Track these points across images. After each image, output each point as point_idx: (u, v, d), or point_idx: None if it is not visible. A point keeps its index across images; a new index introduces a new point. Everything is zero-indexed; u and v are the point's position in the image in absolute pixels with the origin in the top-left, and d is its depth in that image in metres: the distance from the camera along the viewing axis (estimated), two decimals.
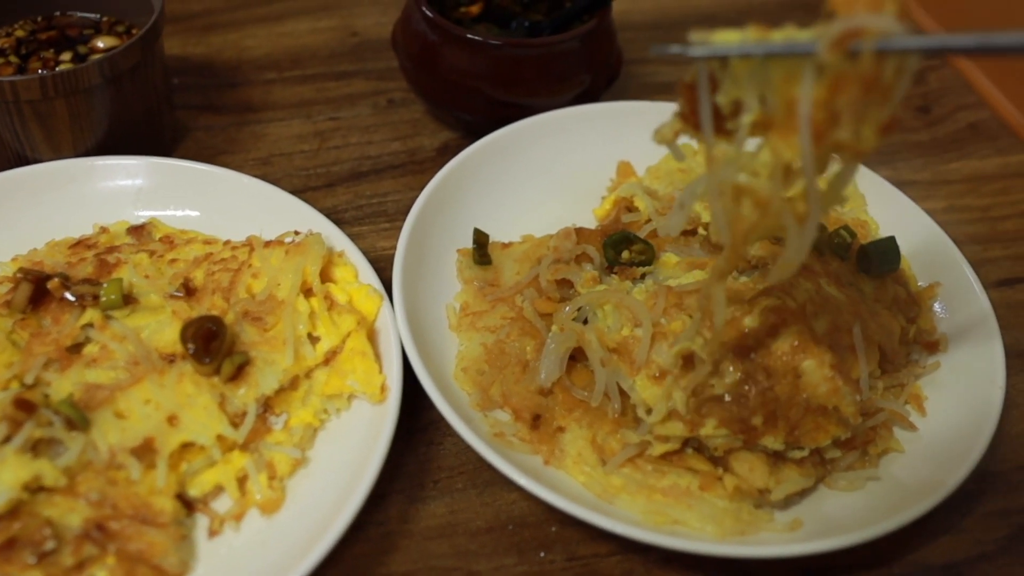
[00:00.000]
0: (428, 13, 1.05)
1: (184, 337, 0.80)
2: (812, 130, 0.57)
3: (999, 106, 1.24)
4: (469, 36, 1.04)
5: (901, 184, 1.11)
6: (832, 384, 0.81)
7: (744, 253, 0.65)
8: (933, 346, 0.93)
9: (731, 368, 0.81)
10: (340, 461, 0.80)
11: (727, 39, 0.59)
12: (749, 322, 0.83)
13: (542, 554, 0.80)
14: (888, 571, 0.81)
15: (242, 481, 0.78)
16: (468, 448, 0.81)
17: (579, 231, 0.97)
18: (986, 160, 1.20)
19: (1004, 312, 1.01)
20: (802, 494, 0.82)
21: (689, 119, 0.64)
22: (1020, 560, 0.83)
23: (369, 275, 0.89)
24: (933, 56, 0.52)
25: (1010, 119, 1.23)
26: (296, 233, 0.92)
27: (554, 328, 0.87)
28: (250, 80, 1.20)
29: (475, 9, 1.16)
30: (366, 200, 1.06)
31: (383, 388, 0.82)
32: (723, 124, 0.62)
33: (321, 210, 0.99)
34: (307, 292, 0.87)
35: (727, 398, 0.80)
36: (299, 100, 1.18)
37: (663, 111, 0.58)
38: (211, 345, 0.80)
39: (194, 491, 0.77)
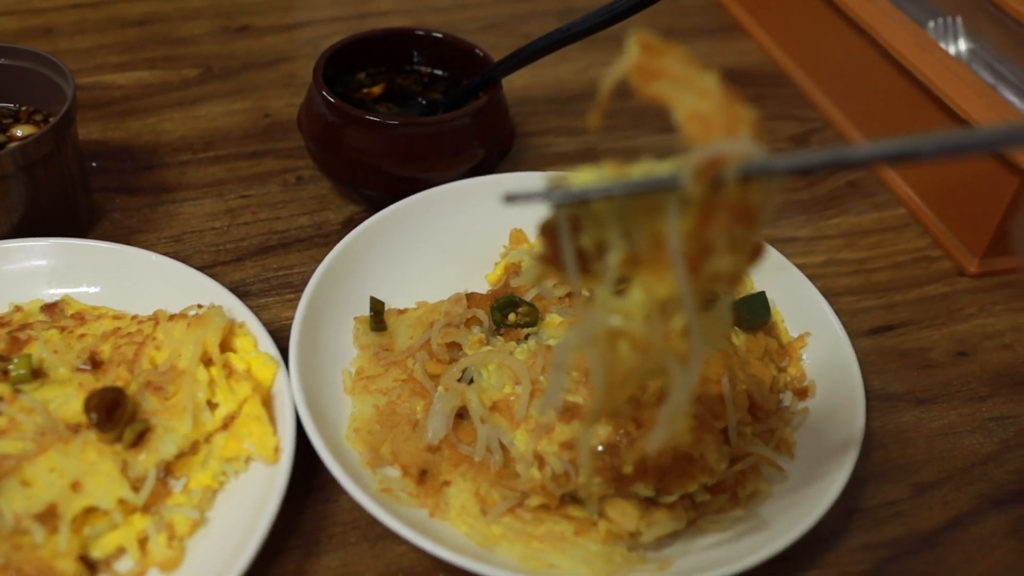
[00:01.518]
0: (328, 96, 1.12)
1: (88, 407, 0.85)
2: (686, 263, 0.55)
3: (877, 164, 1.32)
4: (367, 117, 1.11)
5: (783, 240, 1.19)
6: (696, 434, 0.87)
7: (619, 397, 0.63)
8: (802, 393, 1.00)
9: (604, 422, 0.87)
10: (237, 520, 0.84)
11: (585, 179, 0.57)
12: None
13: None
14: None
15: (143, 542, 0.83)
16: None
17: (470, 296, 1.03)
18: (863, 215, 1.27)
19: (876, 358, 1.08)
20: (674, 536, 0.87)
21: (551, 262, 0.61)
22: None
23: (268, 344, 0.94)
24: (797, 174, 0.53)
25: (885, 176, 1.31)
26: (199, 306, 0.97)
27: (439, 388, 0.92)
28: (165, 162, 1.26)
29: (377, 90, 1.24)
30: (273, 273, 1.12)
31: (276, 449, 0.87)
32: (588, 265, 0.60)
33: (229, 283, 1.05)
34: (207, 362, 0.92)
35: (600, 449, 0.86)
36: (212, 180, 1.24)
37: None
38: (113, 414, 0.85)
39: (97, 553, 0.82)
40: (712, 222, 0.53)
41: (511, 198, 0.58)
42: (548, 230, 0.60)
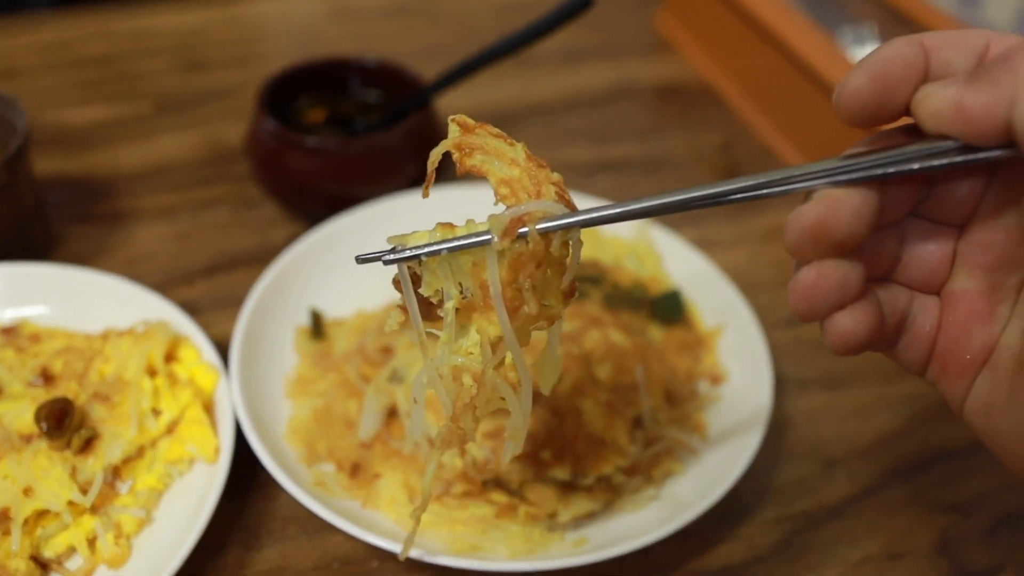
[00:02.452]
0: (268, 123, 1.19)
1: (38, 417, 0.91)
2: (507, 307, 0.62)
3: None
4: (305, 141, 1.18)
5: (707, 242, 1.25)
6: (607, 419, 0.94)
7: (468, 425, 0.69)
8: (717, 379, 1.06)
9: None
10: (181, 517, 0.90)
11: (418, 239, 0.65)
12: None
13: None
14: None
15: (92, 541, 0.89)
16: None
17: (403, 305, 1.09)
18: (782, 216, 1.33)
19: (792, 347, 1.14)
20: (591, 517, 0.94)
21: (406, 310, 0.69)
22: (788, 560, 0.94)
23: (210, 354, 1.01)
24: (589, 227, 0.61)
25: None
26: (146, 323, 1.03)
27: (370, 389, 0.99)
28: (121, 191, 1.32)
29: (319, 116, 1.30)
30: (221, 291, 1.18)
31: (216, 450, 0.93)
32: (434, 311, 0.67)
33: (179, 301, 1.11)
34: (152, 372, 0.99)
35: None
36: (164, 206, 1.30)
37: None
38: (62, 423, 0.91)
39: (48, 553, 0.88)
40: (522, 272, 0.61)
41: (360, 260, 0.67)
42: (397, 283, 0.68)
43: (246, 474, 0.96)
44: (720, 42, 1.58)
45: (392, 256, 0.65)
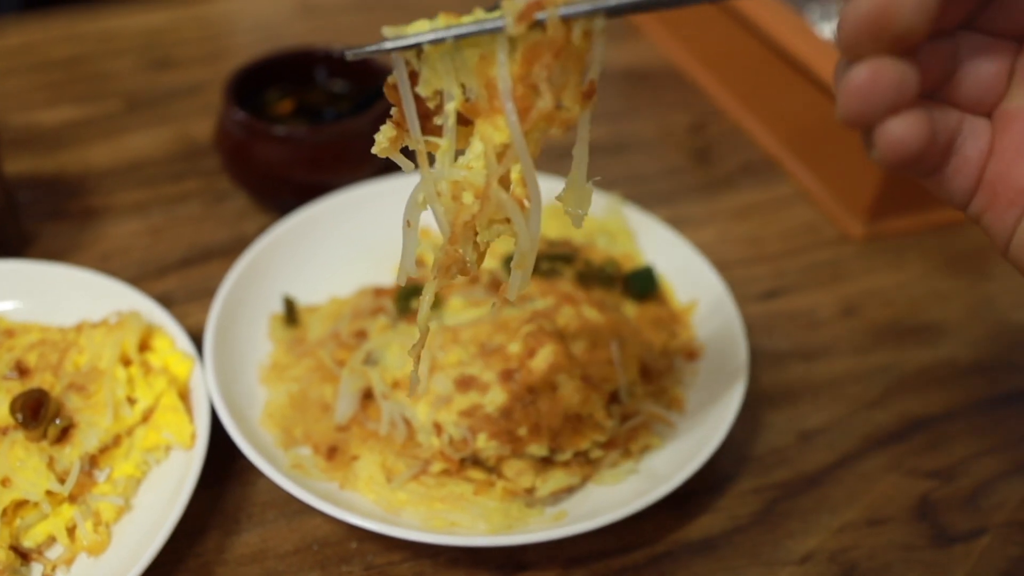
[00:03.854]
0: (236, 114, 1.18)
1: (13, 409, 0.91)
2: (516, 105, 0.56)
3: (768, 146, 1.40)
4: (272, 130, 1.18)
5: (680, 219, 1.26)
6: (583, 394, 0.94)
7: (466, 250, 0.62)
8: (692, 354, 1.06)
9: (499, 389, 0.93)
10: (159, 504, 0.90)
11: (419, 28, 0.58)
12: (514, 348, 0.95)
13: (343, 567, 0.90)
14: (651, 550, 0.93)
15: (71, 530, 0.88)
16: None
17: (377, 290, 1.10)
18: (755, 194, 1.35)
19: (765, 320, 1.15)
20: (570, 492, 0.94)
21: (402, 122, 0.62)
22: (769, 528, 0.95)
23: (184, 343, 1.00)
24: (615, 16, 0.55)
25: (776, 157, 1.38)
26: (119, 313, 1.03)
27: (345, 371, 0.98)
28: (93, 189, 1.32)
29: (287, 107, 1.30)
30: (195, 283, 1.18)
31: (193, 436, 0.93)
32: (430, 122, 0.61)
33: (153, 295, 1.11)
34: (126, 362, 0.98)
35: (496, 415, 0.92)
36: (137, 202, 1.30)
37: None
38: (37, 414, 0.91)
39: (28, 542, 0.87)
40: (538, 64, 0.55)
41: (351, 55, 0.61)
42: (392, 87, 0.61)
43: (224, 460, 0.96)
44: (688, 24, 1.58)
45: (392, 44, 0.58)
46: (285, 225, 1.14)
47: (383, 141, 0.63)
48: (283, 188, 1.21)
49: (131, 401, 0.96)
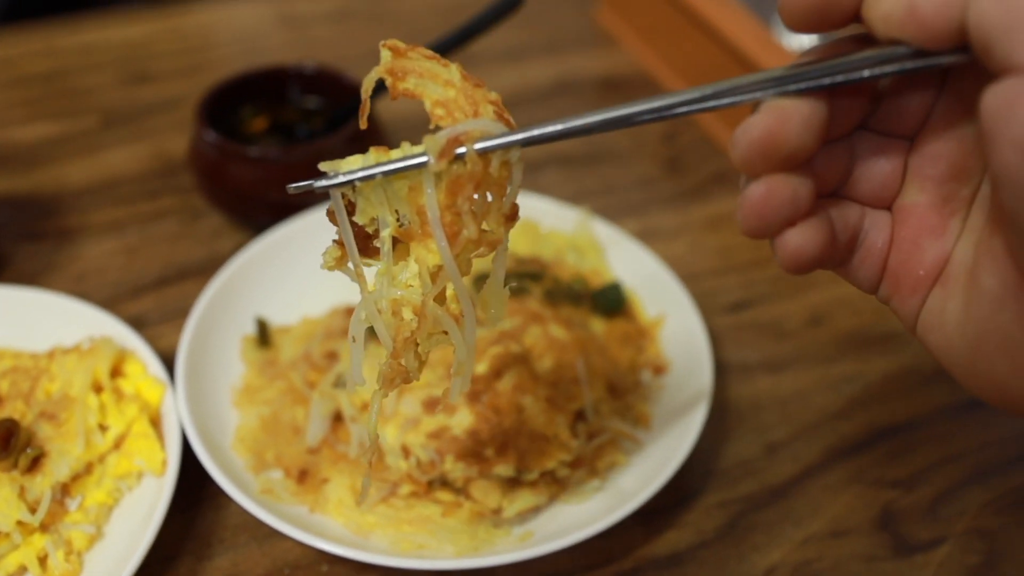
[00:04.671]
0: (208, 134, 1.19)
1: None
2: (445, 232, 0.60)
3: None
4: (245, 151, 1.19)
5: (650, 231, 1.27)
6: (548, 415, 0.95)
7: (408, 361, 0.65)
8: (659, 369, 1.08)
9: (466, 411, 0.95)
10: (131, 531, 0.91)
11: (351, 165, 0.62)
12: (480, 369, 0.97)
13: None
14: (619, 567, 0.94)
15: (43, 559, 0.90)
16: None
17: (349, 309, 1.11)
18: (726, 204, 1.36)
19: (735, 332, 1.16)
20: (537, 511, 0.95)
21: (341, 243, 0.66)
22: (734, 542, 0.96)
23: (156, 368, 1.02)
24: (530, 146, 0.59)
25: None
26: (91, 339, 1.04)
27: (315, 394, 1.00)
28: (68, 208, 1.33)
29: (262, 124, 1.31)
30: (170, 303, 1.19)
31: (164, 463, 0.94)
32: (371, 245, 0.64)
33: (128, 316, 1.12)
34: (98, 388, 1.00)
35: (463, 436, 0.94)
36: (112, 221, 1.31)
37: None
38: (7, 444, 0.92)
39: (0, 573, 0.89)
40: (461, 195, 0.59)
41: (292, 189, 0.64)
42: (332, 214, 0.64)
43: (196, 485, 0.97)
44: (660, 34, 1.59)
45: (324, 182, 0.62)
46: (258, 245, 1.15)
47: (329, 260, 0.67)
48: (258, 207, 1.23)
49: (103, 428, 0.97)
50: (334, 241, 0.66)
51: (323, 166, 0.63)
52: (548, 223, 1.21)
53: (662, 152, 1.46)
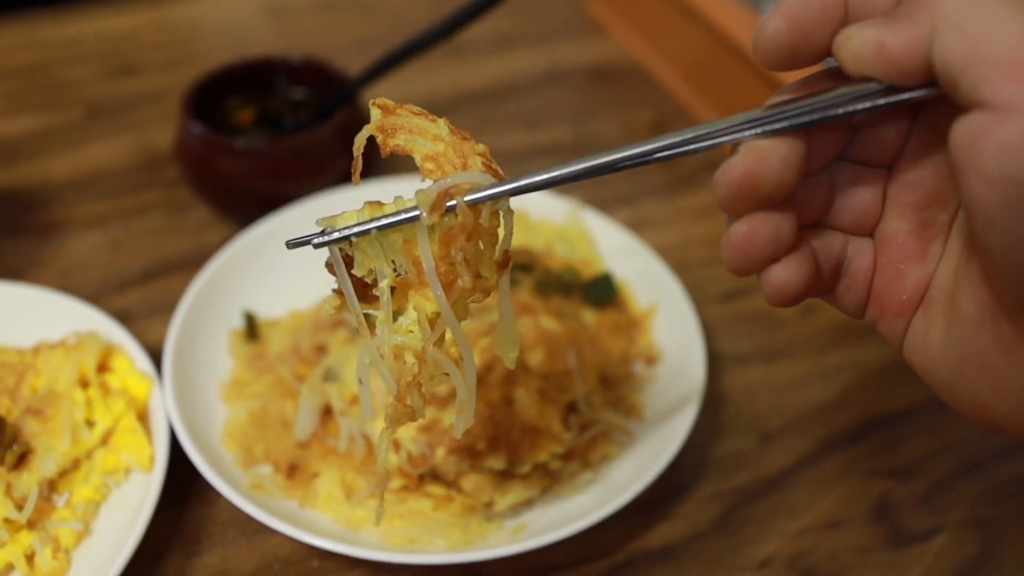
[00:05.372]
0: (194, 126, 1.18)
1: None
2: (441, 281, 0.62)
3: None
4: (232, 142, 1.18)
5: (641, 222, 1.26)
6: (540, 407, 0.94)
7: (415, 402, 0.68)
8: (651, 359, 1.07)
9: None
10: (119, 527, 0.90)
11: (346, 220, 0.64)
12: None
13: None
14: (612, 560, 0.93)
15: (30, 557, 0.88)
16: None
17: None
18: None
19: (727, 322, 1.15)
20: (529, 504, 0.94)
21: (341, 293, 0.68)
22: (728, 534, 0.95)
23: (143, 362, 1.00)
24: (518, 195, 0.61)
25: None
26: (77, 334, 1.02)
27: (304, 388, 0.99)
28: (53, 202, 1.31)
29: (248, 116, 1.30)
30: (156, 297, 1.17)
31: (152, 458, 0.93)
32: (370, 292, 0.67)
33: (113, 310, 1.11)
34: (84, 384, 0.98)
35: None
36: (97, 215, 1.29)
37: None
38: None
39: None
40: (454, 244, 0.61)
41: (290, 244, 0.66)
42: (330, 266, 0.67)
43: (184, 480, 0.96)
44: (650, 22, 1.58)
45: (321, 239, 0.64)
46: (245, 238, 1.14)
47: (329, 308, 0.69)
48: (244, 200, 1.21)
49: (89, 424, 0.96)
50: (333, 290, 0.68)
51: (320, 222, 0.65)
52: (537, 213, 1.20)
53: None
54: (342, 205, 1.16)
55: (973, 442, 1.04)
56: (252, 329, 1.08)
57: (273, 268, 1.14)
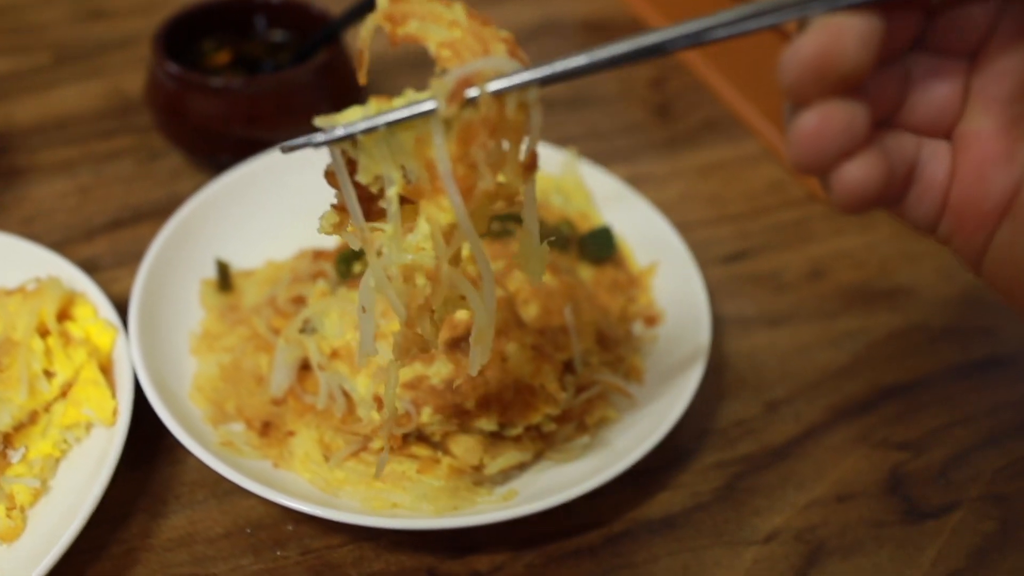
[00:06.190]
0: (167, 65, 1.11)
1: None
2: (459, 187, 0.55)
3: (732, 102, 1.34)
4: (207, 81, 1.10)
5: (640, 177, 1.20)
6: (535, 364, 0.88)
7: (424, 329, 0.62)
8: (652, 320, 1.00)
9: (445, 360, 0.87)
10: (79, 486, 0.83)
11: (350, 117, 0.57)
12: (461, 314, 0.89)
13: (278, 552, 0.84)
14: (609, 530, 0.87)
15: None
16: None
17: (317, 252, 1.03)
18: (718, 151, 1.28)
19: (730, 284, 1.09)
20: (521, 468, 0.88)
21: (341, 207, 0.61)
22: (732, 505, 0.89)
23: (108, 311, 0.93)
24: (549, 84, 0.52)
25: (740, 113, 1.32)
26: (37, 280, 0.95)
27: (280, 341, 0.92)
28: (17, 147, 1.24)
29: (224, 58, 1.23)
30: (124, 246, 1.10)
31: (115, 413, 0.86)
32: (375, 206, 0.60)
33: (80, 259, 1.04)
34: (44, 332, 0.91)
35: (441, 387, 0.86)
36: (64, 161, 1.22)
37: None
38: None
39: None
40: (475, 142, 0.54)
41: (285, 148, 0.59)
42: (331, 175, 0.60)
43: (150, 438, 0.90)
44: None
45: (323, 137, 0.57)
46: (219, 184, 1.07)
47: (327, 226, 0.62)
48: (219, 144, 1.14)
49: (48, 375, 0.89)
50: (332, 206, 0.61)
51: (318, 121, 0.58)
52: None
53: (651, 97, 1.38)
54: (324, 152, 1.10)
55: (991, 415, 0.98)
56: (225, 279, 1.01)
57: (250, 216, 1.08)
